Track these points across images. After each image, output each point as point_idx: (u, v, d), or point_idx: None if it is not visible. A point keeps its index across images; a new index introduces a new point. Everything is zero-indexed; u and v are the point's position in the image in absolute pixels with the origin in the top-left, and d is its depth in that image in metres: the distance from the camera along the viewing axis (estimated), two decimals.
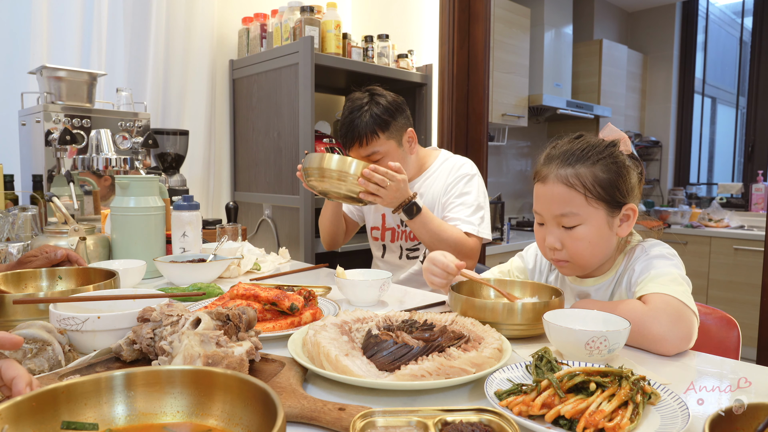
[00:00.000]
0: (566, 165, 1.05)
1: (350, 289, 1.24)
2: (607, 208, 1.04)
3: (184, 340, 0.69)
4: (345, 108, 1.69)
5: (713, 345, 1.18)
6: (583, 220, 1.04)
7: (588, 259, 1.08)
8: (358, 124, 1.62)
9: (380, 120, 1.63)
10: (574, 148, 1.06)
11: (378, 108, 1.64)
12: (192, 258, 1.46)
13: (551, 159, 1.08)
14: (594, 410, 0.61)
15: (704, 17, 5.17)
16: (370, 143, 1.63)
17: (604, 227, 1.05)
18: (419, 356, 0.77)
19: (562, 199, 1.04)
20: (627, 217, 1.07)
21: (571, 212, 1.04)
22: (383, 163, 1.65)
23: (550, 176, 1.06)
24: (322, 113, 2.99)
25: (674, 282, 0.98)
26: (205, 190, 2.68)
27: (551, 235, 1.08)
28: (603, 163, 1.04)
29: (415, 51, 2.86)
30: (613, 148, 1.06)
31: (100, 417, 0.53)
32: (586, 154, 1.04)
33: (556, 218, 1.06)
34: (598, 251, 1.07)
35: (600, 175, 1.03)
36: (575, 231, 1.05)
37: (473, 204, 1.69)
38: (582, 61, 4.49)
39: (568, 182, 1.04)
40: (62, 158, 1.79)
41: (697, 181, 5.25)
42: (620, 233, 1.07)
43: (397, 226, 1.84)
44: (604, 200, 1.04)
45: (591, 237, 1.04)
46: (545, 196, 1.07)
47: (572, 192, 1.03)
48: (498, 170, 4.23)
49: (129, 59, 2.36)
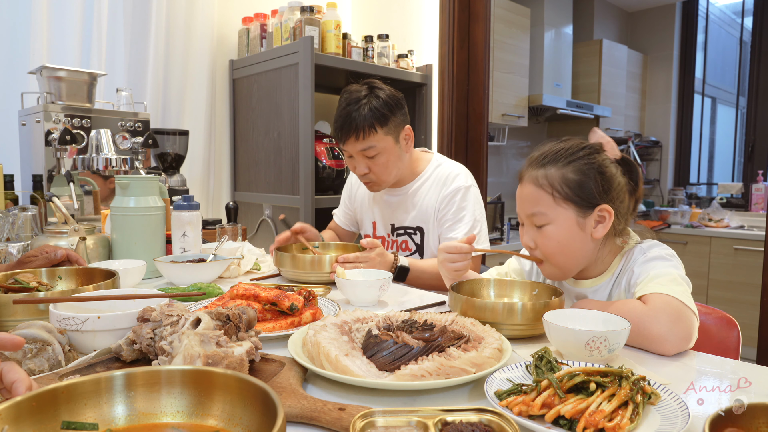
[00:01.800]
0: (538, 167, 1.09)
1: (350, 289, 1.24)
2: (576, 209, 1.06)
3: (184, 340, 0.69)
4: (342, 100, 1.63)
5: (713, 345, 1.18)
6: (551, 219, 1.07)
7: (561, 260, 1.09)
8: (356, 117, 1.57)
9: (379, 114, 1.58)
10: (548, 150, 1.11)
11: (377, 101, 1.59)
12: (192, 258, 1.46)
13: (530, 162, 1.12)
14: (594, 410, 0.61)
15: (704, 17, 5.17)
16: (367, 137, 1.59)
17: (573, 227, 1.07)
18: (419, 356, 0.77)
19: (531, 199, 1.09)
20: (602, 219, 1.07)
21: (539, 212, 1.08)
22: (379, 159, 1.62)
23: (524, 177, 1.12)
24: (322, 113, 2.99)
25: (674, 282, 0.98)
26: (205, 190, 2.68)
27: (526, 234, 1.14)
28: (575, 164, 1.06)
29: (415, 51, 2.86)
30: (589, 150, 1.08)
31: (100, 417, 0.53)
32: (558, 157, 1.08)
33: (528, 217, 1.11)
34: (570, 252, 1.08)
35: (569, 176, 1.06)
36: (545, 230, 1.08)
37: (470, 221, 1.67)
38: (582, 61, 4.49)
39: (537, 183, 1.08)
40: (62, 158, 1.79)
41: (697, 181, 5.25)
42: (595, 235, 1.07)
43: (387, 235, 1.81)
44: (572, 201, 1.06)
45: (560, 237, 1.07)
46: (519, 196, 1.13)
47: (540, 192, 1.07)
48: (498, 170, 4.23)
49: (129, 59, 2.36)
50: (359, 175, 1.69)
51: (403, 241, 1.78)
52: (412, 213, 1.74)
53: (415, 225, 1.75)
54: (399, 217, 1.78)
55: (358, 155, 1.63)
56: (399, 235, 1.78)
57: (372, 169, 1.65)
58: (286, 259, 1.46)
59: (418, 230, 1.75)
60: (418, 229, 1.75)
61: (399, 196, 1.77)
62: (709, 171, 5.49)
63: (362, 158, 1.63)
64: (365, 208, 1.88)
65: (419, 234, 1.75)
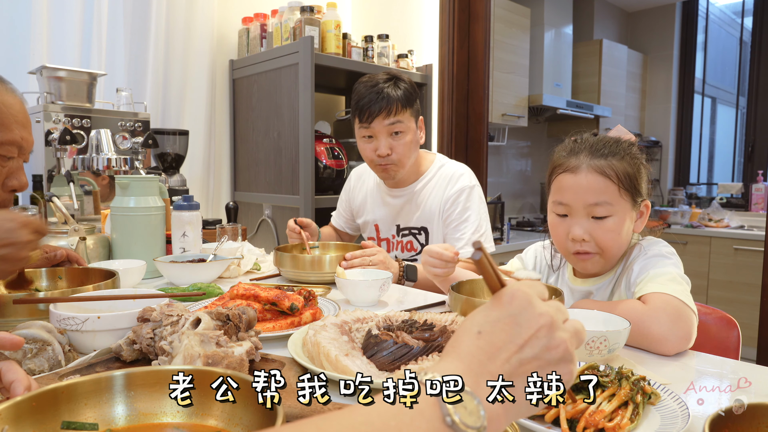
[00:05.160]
0: (599, 156, 1.05)
1: (350, 289, 1.23)
2: (632, 202, 1.06)
3: (184, 340, 0.69)
4: (366, 82, 1.66)
5: (713, 345, 1.18)
6: (615, 211, 1.04)
7: (615, 253, 1.08)
8: (390, 93, 1.60)
9: (408, 94, 1.64)
10: (602, 141, 1.08)
11: (405, 84, 1.65)
12: (192, 258, 1.46)
13: (578, 151, 1.07)
14: (594, 410, 0.61)
15: (704, 17, 5.17)
16: (398, 113, 1.62)
17: (629, 221, 1.07)
18: (419, 356, 0.77)
19: (597, 189, 1.04)
20: (641, 214, 1.10)
21: (606, 201, 1.04)
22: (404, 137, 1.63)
23: (582, 166, 1.05)
24: (322, 113, 2.99)
25: (673, 281, 0.98)
26: (205, 190, 2.68)
27: (578, 226, 1.06)
28: (628, 158, 1.06)
29: (415, 51, 2.86)
30: (632, 146, 1.09)
31: (100, 417, 0.53)
32: (615, 149, 1.06)
33: (587, 208, 1.05)
34: (623, 245, 1.09)
35: (628, 170, 1.05)
36: (606, 222, 1.04)
37: (475, 221, 1.67)
38: (582, 61, 4.49)
39: (604, 172, 1.04)
40: (62, 158, 1.79)
41: (697, 181, 5.25)
42: (636, 229, 1.10)
43: (392, 236, 1.81)
44: (631, 193, 1.06)
45: (620, 229, 1.05)
46: (576, 185, 1.05)
47: (607, 182, 1.04)
48: (498, 170, 4.23)
49: (129, 59, 2.36)
50: (381, 156, 1.65)
51: (408, 241, 1.78)
52: (417, 213, 1.75)
53: (420, 225, 1.75)
54: (404, 218, 1.78)
55: (383, 133, 1.63)
56: (404, 236, 1.78)
57: (395, 149, 1.64)
58: (286, 259, 1.46)
59: (423, 230, 1.75)
60: (423, 230, 1.75)
61: (403, 197, 1.77)
62: (709, 171, 5.49)
63: (386, 137, 1.63)
64: (368, 210, 1.88)
65: (424, 234, 1.75)
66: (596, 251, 1.07)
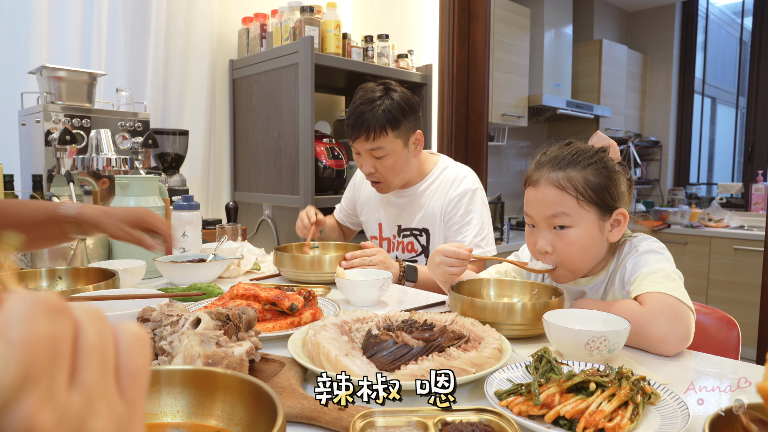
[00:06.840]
0: (557, 169, 1.05)
1: (350, 289, 1.24)
2: (598, 212, 1.05)
3: (184, 340, 0.69)
4: (356, 97, 1.64)
5: (713, 345, 1.18)
6: (575, 222, 1.04)
7: (578, 264, 1.08)
8: (369, 117, 1.57)
9: (391, 116, 1.59)
10: (564, 153, 1.07)
11: (391, 104, 1.59)
12: (192, 258, 1.46)
13: (542, 164, 1.08)
14: (594, 410, 0.61)
15: (704, 17, 5.17)
16: (377, 138, 1.60)
17: (595, 231, 1.05)
18: (419, 356, 0.77)
19: (554, 201, 1.05)
20: (618, 222, 1.07)
21: (563, 213, 1.04)
22: (386, 161, 1.63)
23: (542, 180, 1.06)
24: (322, 113, 2.99)
25: (667, 278, 0.98)
26: (205, 190, 2.68)
27: (542, 238, 1.08)
28: (593, 167, 1.05)
29: (415, 51, 2.86)
30: (603, 153, 1.07)
31: None
32: (576, 159, 1.05)
33: (548, 219, 1.06)
34: (589, 256, 1.07)
35: (591, 179, 1.04)
36: (567, 234, 1.05)
37: (477, 224, 1.67)
38: (582, 61, 4.49)
39: (560, 185, 1.04)
40: (62, 158, 1.79)
41: (697, 181, 5.25)
42: (611, 238, 1.08)
43: (393, 237, 1.82)
44: (596, 204, 1.04)
45: (582, 241, 1.04)
46: (536, 199, 1.08)
47: (563, 194, 1.04)
48: (498, 170, 4.23)
49: (129, 59, 2.36)
50: (365, 173, 1.69)
51: (409, 242, 1.78)
52: (419, 214, 1.75)
53: (421, 226, 1.75)
54: (406, 218, 1.78)
55: (366, 154, 1.64)
56: (405, 236, 1.79)
57: (378, 170, 1.66)
58: (286, 259, 1.46)
59: (424, 232, 1.75)
60: (424, 231, 1.75)
61: (406, 198, 1.77)
62: (709, 171, 5.49)
63: (369, 157, 1.64)
64: (371, 210, 1.88)
65: (425, 235, 1.75)
66: (559, 264, 1.07)
